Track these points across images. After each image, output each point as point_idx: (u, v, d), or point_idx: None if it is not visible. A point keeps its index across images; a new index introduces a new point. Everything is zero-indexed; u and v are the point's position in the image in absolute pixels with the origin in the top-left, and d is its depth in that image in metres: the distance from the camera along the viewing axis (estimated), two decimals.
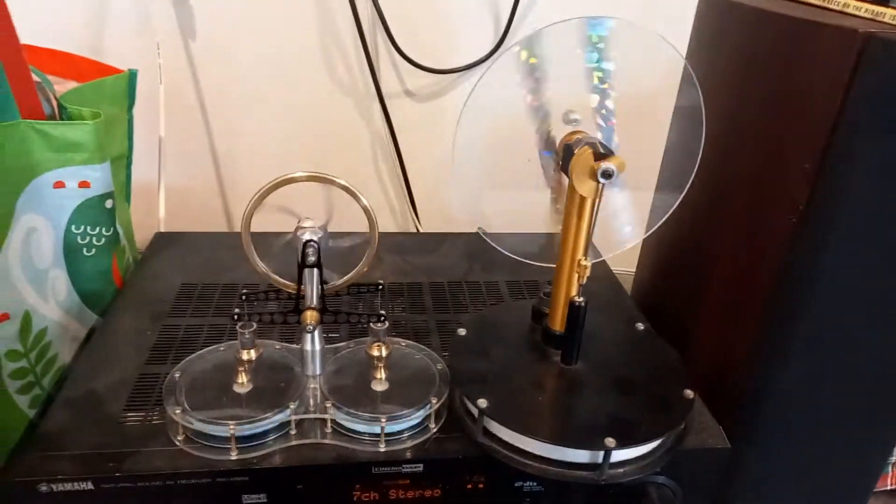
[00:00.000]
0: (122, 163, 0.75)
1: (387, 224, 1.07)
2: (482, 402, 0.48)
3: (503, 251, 0.57)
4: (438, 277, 0.72)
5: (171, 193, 0.89)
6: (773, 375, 0.55)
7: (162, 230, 0.80)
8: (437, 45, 0.95)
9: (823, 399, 0.56)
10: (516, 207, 0.58)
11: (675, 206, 0.57)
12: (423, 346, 0.56)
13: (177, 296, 0.65)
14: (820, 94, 0.47)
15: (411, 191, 1.02)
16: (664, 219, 0.57)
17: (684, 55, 0.67)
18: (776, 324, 0.53)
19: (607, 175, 0.46)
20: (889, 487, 0.70)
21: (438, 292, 0.69)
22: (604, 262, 0.77)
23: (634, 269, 0.82)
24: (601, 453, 0.46)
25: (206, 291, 0.66)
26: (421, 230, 1.03)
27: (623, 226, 0.58)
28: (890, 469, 0.68)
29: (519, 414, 0.48)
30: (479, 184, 0.58)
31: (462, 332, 0.57)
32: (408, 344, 0.56)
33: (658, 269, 0.74)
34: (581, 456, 0.47)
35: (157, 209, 0.82)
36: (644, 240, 0.80)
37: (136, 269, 0.70)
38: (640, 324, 0.60)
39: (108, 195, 0.64)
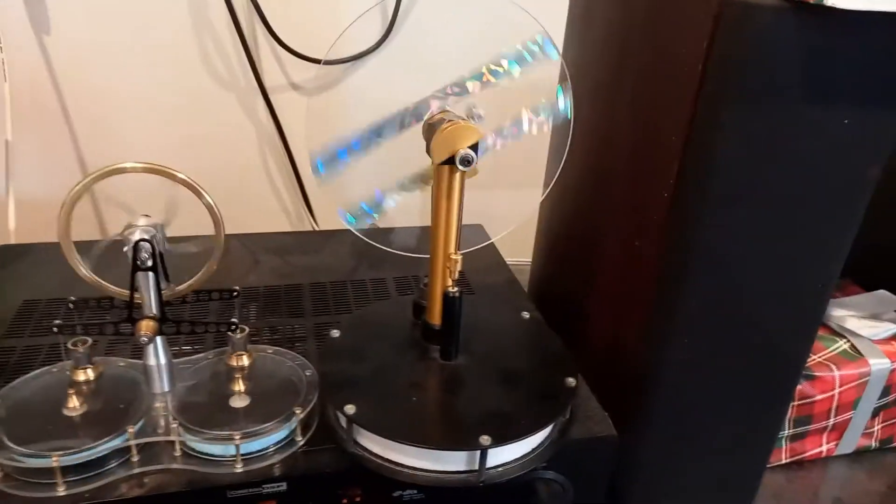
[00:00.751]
0: None
1: (282, 226, 1.02)
2: (350, 409, 0.44)
3: (376, 244, 0.53)
4: (321, 278, 0.67)
5: (30, 204, 0.81)
6: (662, 356, 0.53)
7: (12, 242, 0.72)
8: (322, 34, 0.90)
9: (713, 377, 0.55)
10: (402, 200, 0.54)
11: (549, 188, 0.55)
12: (292, 353, 0.51)
13: (16, 314, 0.58)
14: (685, 63, 0.45)
15: (304, 188, 0.97)
16: (542, 196, 0.55)
17: (563, 34, 0.65)
18: (663, 303, 0.52)
19: (466, 162, 0.43)
20: (784, 461, 0.70)
21: (319, 294, 0.65)
22: (496, 250, 0.74)
23: (531, 259, 0.80)
24: (477, 454, 0.43)
25: (51, 308, 0.59)
26: (318, 228, 0.98)
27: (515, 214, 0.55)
28: (784, 443, 0.69)
29: (390, 418, 0.44)
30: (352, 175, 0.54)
31: (335, 333, 0.52)
32: (275, 351, 0.51)
33: (551, 256, 0.72)
34: (456, 459, 0.43)
35: (6, 221, 0.74)
36: (537, 229, 0.78)
37: None
38: (525, 312, 0.57)
39: None
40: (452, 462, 0.43)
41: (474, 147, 0.44)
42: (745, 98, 0.44)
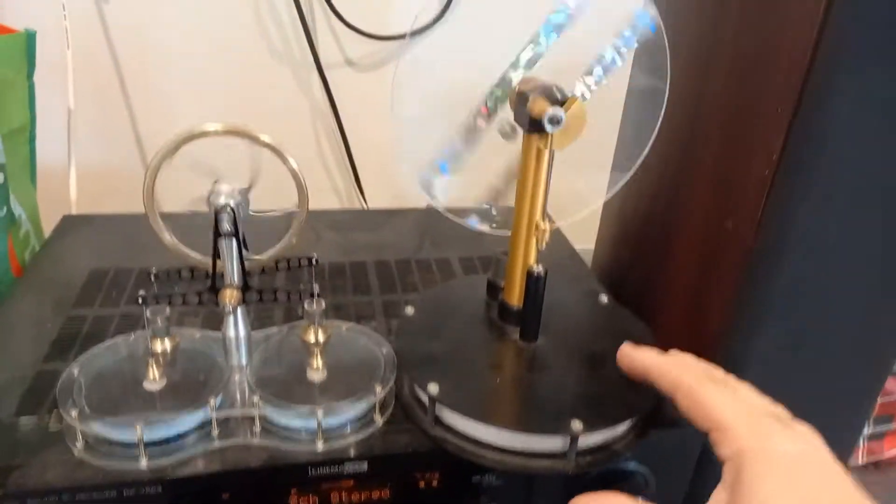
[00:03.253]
0: (23, 137, 0.66)
1: (331, 203, 1.00)
2: (433, 388, 0.42)
3: (459, 221, 0.51)
4: (385, 256, 0.66)
5: (87, 174, 0.80)
6: (748, 347, 0.51)
7: (73, 213, 0.71)
8: (380, 9, 0.88)
9: (799, 369, 0.52)
10: (468, 178, 0.52)
11: (634, 168, 0.52)
12: (366, 329, 0.50)
13: (85, 283, 0.57)
14: (796, 24, 0.42)
15: (355, 167, 0.95)
16: (624, 180, 0.52)
17: None
18: (752, 290, 0.49)
19: (555, 121, 0.41)
20: (861, 462, 0.67)
21: (385, 271, 0.63)
22: (562, 236, 0.72)
23: (594, 245, 0.77)
24: (567, 439, 0.41)
25: (118, 278, 0.58)
26: (367, 208, 0.97)
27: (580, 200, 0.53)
28: (862, 443, 0.66)
29: (474, 399, 0.43)
30: (428, 154, 0.52)
31: (410, 311, 0.51)
32: (349, 327, 0.50)
33: (621, 239, 0.70)
34: (546, 443, 0.41)
35: (68, 190, 0.74)
36: (603, 212, 0.75)
37: (38, 254, 0.62)
38: (603, 295, 0.55)
39: None
40: (541, 447, 0.41)
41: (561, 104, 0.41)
42: (862, 65, 0.41)
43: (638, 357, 0.41)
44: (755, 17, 0.47)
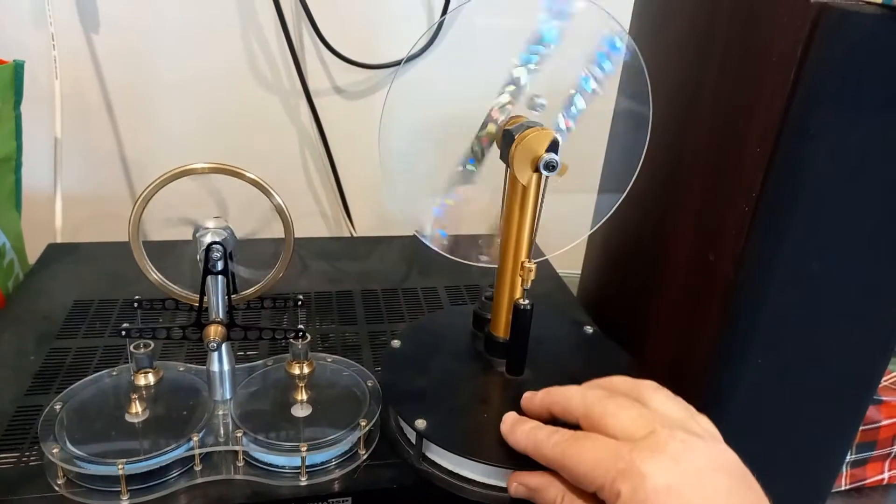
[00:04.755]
0: (9, 166, 0.66)
1: (319, 228, 1.00)
2: (420, 424, 0.42)
3: (443, 253, 0.52)
4: (371, 285, 0.66)
5: (73, 202, 0.80)
6: (732, 377, 0.51)
7: (58, 241, 0.71)
8: (368, 38, 0.89)
9: (782, 399, 0.53)
10: (455, 207, 0.53)
11: (620, 200, 0.53)
12: (351, 362, 0.50)
13: (68, 314, 0.57)
14: (775, 68, 0.44)
15: (343, 194, 0.95)
16: (611, 212, 0.53)
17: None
18: (735, 321, 0.50)
19: (550, 167, 0.42)
20: (844, 488, 0.67)
21: (371, 301, 0.63)
22: (547, 262, 0.72)
23: (580, 271, 0.77)
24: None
25: (102, 308, 0.58)
26: (355, 235, 0.97)
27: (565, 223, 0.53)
28: (845, 469, 0.66)
29: (462, 435, 0.42)
30: (414, 184, 0.53)
31: (396, 343, 0.51)
32: (334, 359, 0.50)
33: (607, 267, 0.70)
34: None
35: (53, 219, 0.73)
36: (590, 239, 0.76)
37: (22, 283, 0.62)
38: (588, 327, 0.55)
39: None
40: None
41: (553, 148, 0.42)
42: (839, 107, 0.42)
43: (525, 419, 0.41)
44: (736, 60, 0.48)
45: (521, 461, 0.41)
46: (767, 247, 0.47)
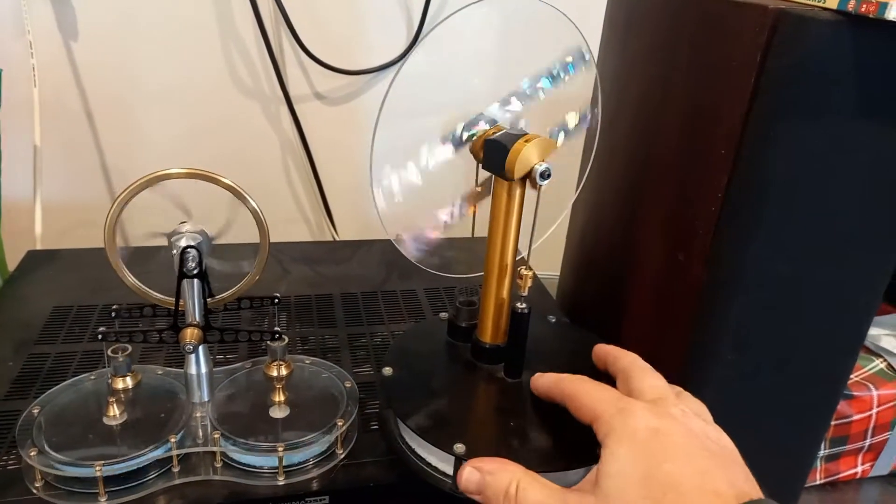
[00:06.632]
0: None
1: (302, 233, 1.01)
2: (459, 448, 0.40)
3: (415, 262, 0.52)
4: (351, 288, 0.67)
5: (53, 210, 0.80)
6: (703, 373, 0.52)
7: (38, 248, 0.71)
8: (348, 44, 0.90)
9: (753, 396, 0.54)
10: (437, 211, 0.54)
11: (574, 199, 0.54)
12: (330, 364, 0.50)
13: (47, 320, 0.57)
14: (736, 76, 0.45)
15: (326, 198, 0.96)
16: (564, 214, 0.54)
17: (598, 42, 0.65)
18: (706, 319, 0.51)
19: (546, 176, 0.42)
20: (818, 482, 0.69)
21: (351, 304, 0.64)
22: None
23: (559, 272, 0.79)
24: None
25: (81, 314, 0.58)
26: (338, 239, 0.98)
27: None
28: (819, 464, 0.67)
29: (507, 452, 0.40)
30: (400, 190, 0.53)
31: (388, 371, 0.48)
32: (312, 361, 0.50)
33: (582, 270, 0.72)
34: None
35: (33, 226, 0.73)
36: (567, 242, 0.77)
37: (1, 290, 0.62)
38: (551, 316, 0.56)
39: None
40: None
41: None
42: (798, 113, 0.43)
43: (540, 383, 0.44)
44: (701, 66, 0.49)
45: (570, 459, 0.41)
46: (735, 247, 0.48)
